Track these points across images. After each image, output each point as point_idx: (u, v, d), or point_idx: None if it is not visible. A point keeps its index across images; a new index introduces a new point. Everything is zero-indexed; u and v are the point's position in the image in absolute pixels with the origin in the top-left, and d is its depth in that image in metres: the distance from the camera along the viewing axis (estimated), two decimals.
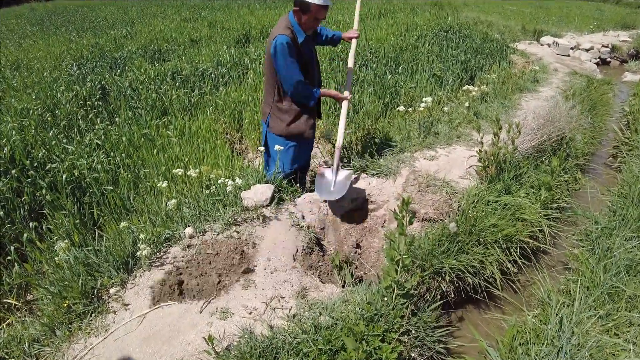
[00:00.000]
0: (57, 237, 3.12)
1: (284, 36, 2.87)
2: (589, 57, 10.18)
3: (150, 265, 2.57)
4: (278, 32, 2.90)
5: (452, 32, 9.08)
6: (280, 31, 2.91)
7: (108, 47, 8.75)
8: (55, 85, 6.16)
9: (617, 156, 5.00)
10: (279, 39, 2.87)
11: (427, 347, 2.31)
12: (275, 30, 2.96)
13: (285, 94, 3.12)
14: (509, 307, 2.90)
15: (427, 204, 3.18)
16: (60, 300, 2.33)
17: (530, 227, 3.22)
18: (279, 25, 2.98)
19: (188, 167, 3.89)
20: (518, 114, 5.16)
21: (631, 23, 14.44)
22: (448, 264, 2.74)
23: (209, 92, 6.09)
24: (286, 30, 2.92)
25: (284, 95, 3.13)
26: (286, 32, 2.90)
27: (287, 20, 2.98)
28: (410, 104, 5.41)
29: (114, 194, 3.58)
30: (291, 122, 3.18)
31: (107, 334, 2.18)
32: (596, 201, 3.90)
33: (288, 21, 2.98)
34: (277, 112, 3.18)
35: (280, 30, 2.91)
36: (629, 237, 2.98)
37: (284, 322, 2.23)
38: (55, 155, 4.09)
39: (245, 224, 2.91)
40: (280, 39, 2.87)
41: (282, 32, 2.89)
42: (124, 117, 5.20)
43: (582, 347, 2.15)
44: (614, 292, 2.56)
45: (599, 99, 6.40)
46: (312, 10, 2.87)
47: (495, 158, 3.45)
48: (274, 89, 3.13)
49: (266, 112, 3.25)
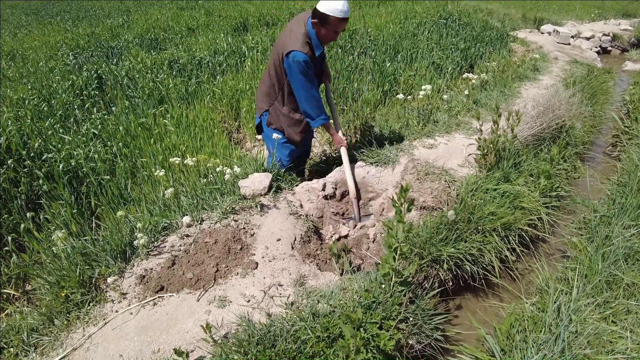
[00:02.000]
0: (55, 227, 3.11)
1: (302, 54, 2.75)
2: (589, 45, 10.11)
3: (148, 254, 2.56)
4: (296, 47, 2.76)
5: (452, 20, 9.00)
6: (298, 47, 2.76)
7: (104, 36, 8.68)
8: (51, 75, 6.12)
9: (617, 145, 4.99)
10: (296, 56, 2.75)
11: (425, 334, 2.31)
12: (293, 40, 2.80)
13: (289, 102, 3.07)
14: (507, 294, 2.91)
15: (426, 192, 3.17)
16: (58, 290, 2.32)
17: (529, 215, 3.21)
18: (296, 35, 2.82)
19: (185, 156, 3.86)
20: (518, 102, 5.12)
21: (632, 11, 14.33)
22: (446, 251, 2.73)
23: (207, 80, 6.05)
24: (305, 46, 2.78)
25: (287, 102, 3.08)
26: (305, 50, 2.77)
27: (306, 33, 2.83)
28: (409, 92, 5.38)
29: (111, 183, 3.57)
30: (287, 127, 3.16)
31: (105, 323, 2.18)
32: (595, 190, 3.89)
33: (306, 34, 2.83)
34: (276, 114, 3.15)
35: (298, 46, 2.76)
36: (628, 226, 2.98)
37: (282, 310, 2.22)
38: (52, 145, 4.07)
39: (243, 213, 2.90)
40: (297, 57, 2.75)
41: (300, 49, 2.76)
42: (120, 106, 5.16)
43: (580, 335, 2.16)
44: (612, 280, 2.56)
45: (599, 87, 6.37)
46: (332, 23, 2.75)
47: (495, 146, 3.43)
48: (276, 93, 3.07)
49: (262, 108, 3.20)
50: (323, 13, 2.72)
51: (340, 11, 2.70)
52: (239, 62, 6.78)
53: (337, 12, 2.70)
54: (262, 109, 3.21)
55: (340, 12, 2.71)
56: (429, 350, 2.33)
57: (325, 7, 2.71)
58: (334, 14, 2.70)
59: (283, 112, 3.11)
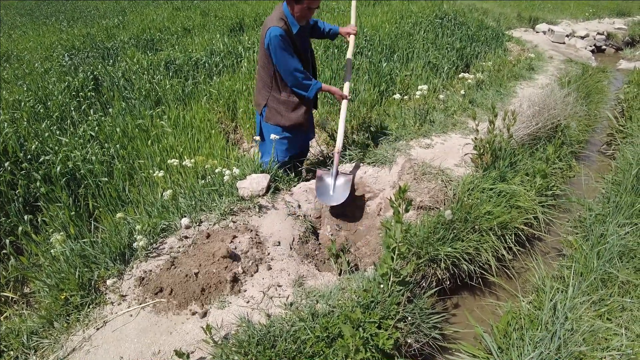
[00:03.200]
0: (53, 229, 3.11)
1: (277, 28, 2.84)
2: (584, 44, 10.17)
3: (147, 256, 2.57)
4: (271, 24, 2.87)
5: (448, 20, 9.03)
6: (273, 23, 2.87)
7: (100, 36, 8.64)
8: (47, 77, 6.09)
9: (612, 143, 5.03)
10: (272, 32, 2.84)
11: (423, 333, 2.33)
12: (269, 21, 2.92)
13: (284, 86, 3.10)
14: (503, 293, 2.93)
15: (423, 192, 3.19)
16: (57, 292, 2.33)
17: (525, 214, 3.24)
18: (273, 16, 2.94)
19: (183, 157, 3.87)
20: (513, 101, 5.16)
21: (626, 10, 14.40)
22: (443, 251, 2.75)
23: (203, 81, 6.04)
24: (280, 22, 2.88)
25: (283, 87, 3.11)
26: (280, 24, 2.86)
27: (281, 11, 2.94)
28: (405, 92, 5.40)
29: (109, 185, 3.57)
30: (288, 113, 3.17)
31: (105, 325, 2.18)
32: (590, 188, 3.92)
33: (282, 12, 2.94)
34: (274, 103, 3.16)
35: (273, 22, 2.87)
36: (622, 224, 3.01)
37: (282, 311, 2.24)
38: (49, 147, 4.06)
39: (241, 214, 2.91)
40: (274, 32, 2.83)
41: (275, 24, 2.86)
42: (117, 107, 5.15)
43: (576, 332, 2.18)
44: (607, 278, 2.59)
45: (594, 86, 6.41)
46: (305, 0, 2.84)
47: (491, 146, 3.46)
48: (270, 80, 3.11)
49: (261, 104, 3.22)
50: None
51: None
52: (235, 62, 6.77)
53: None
54: (260, 105, 3.23)
55: None
56: (427, 349, 2.35)
57: None
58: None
59: (281, 99, 3.15)
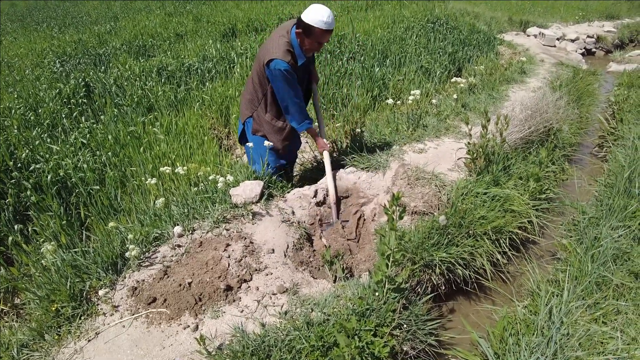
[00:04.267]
0: (44, 239, 3.07)
1: (283, 63, 2.73)
2: (574, 47, 10.28)
3: (140, 265, 2.54)
4: (278, 55, 2.74)
5: (439, 24, 9.08)
6: (279, 55, 2.74)
7: (91, 43, 8.61)
8: (38, 83, 6.05)
9: (603, 146, 5.06)
10: (278, 65, 2.73)
11: (419, 340, 2.32)
12: (275, 48, 2.79)
13: (271, 108, 3.07)
14: (499, 297, 2.93)
15: (417, 197, 3.19)
16: (48, 303, 2.29)
17: (519, 218, 3.25)
18: (279, 43, 2.80)
19: (175, 164, 3.84)
20: (506, 105, 5.18)
21: (615, 13, 14.60)
22: (438, 256, 2.75)
23: (196, 87, 6.02)
24: (286, 55, 2.76)
25: (270, 109, 3.08)
26: (286, 58, 2.75)
27: (289, 42, 2.82)
28: (398, 97, 5.41)
29: (101, 193, 3.53)
30: (270, 134, 3.15)
31: (97, 337, 2.15)
32: (583, 191, 3.94)
33: (289, 43, 2.82)
34: (259, 120, 3.15)
35: (280, 54, 2.75)
36: (616, 227, 3.02)
37: (276, 320, 2.22)
38: (40, 155, 4.02)
39: (235, 221, 2.89)
40: (279, 65, 2.73)
41: (282, 58, 2.74)
42: (109, 114, 5.12)
43: (572, 337, 2.18)
44: (601, 281, 2.60)
45: (585, 89, 6.47)
46: (316, 34, 2.74)
47: (484, 150, 3.46)
48: (260, 98, 3.07)
49: (246, 114, 3.20)
50: (307, 24, 2.71)
51: (324, 23, 2.69)
52: (228, 68, 6.77)
53: (322, 24, 2.69)
54: (245, 115, 3.21)
55: (325, 24, 2.70)
56: (423, 356, 2.34)
57: (310, 18, 2.70)
58: (318, 26, 2.69)
59: (266, 120, 3.12)
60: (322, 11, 2.69)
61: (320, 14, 2.68)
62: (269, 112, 3.09)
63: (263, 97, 3.05)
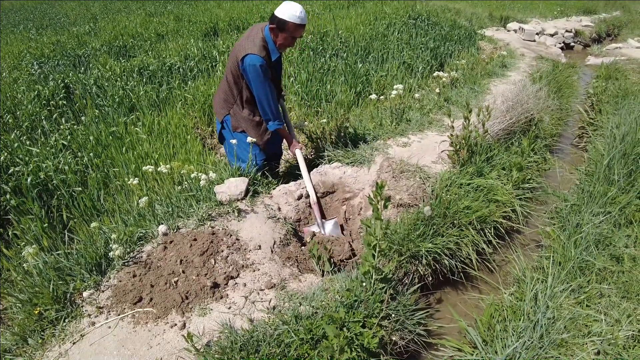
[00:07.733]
0: (25, 242, 3.00)
1: (258, 57, 2.80)
2: (553, 42, 10.46)
3: (124, 265, 2.50)
4: (252, 51, 2.81)
5: (421, 20, 9.15)
6: (254, 50, 2.81)
7: (70, 44, 8.45)
8: (16, 86, 5.91)
9: (583, 136, 5.17)
10: (252, 60, 2.80)
11: (408, 330, 2.33)
12: (249, 45, 2.85)
13: (247, 104, 3.10)
14: (485, 286, 2.97)
15: (402, 190, 3.20)
16: (30, 307, 2.24)
17: (503, 208, 3.29)
18: (254, 40, 2.87)
19: (159, 163, 3.80)
20: (487, 98, 5.24)
21: (593, 8, 14.90)
22: (424, 247, 2.77)
23: (178, 86, 5.96)
24: (261, 50, 2.83)
25: (246, 105, 3.11)
26: (261, 54, 2.82)
27: (263, 38, 2.88)
28: (382, 92, 5.43)
29: (83, 195, 3.47)
30: (250, 130, 3.17)
31: (82, 339, 2.11)
32: (565, 180, 4.01)
33: (263, 39, 2.88)
34: (237, 116, 3.15)
35: (254, 49, 2.82)
36: (597, 213, 3.09)
37: (264, 315, 2.21)
38: (19, 158, 3.93)
39: (220, 219, 2.87)
40: (253, 61, 2.79)
41: (256, 53, 2.81)
42: (90, 115, 5.04)
43: (557, 320, 2.22)
44: (584, 266, 2.65)
45: (565, 81, 6.59)
46: (289, 29, 2.81)
47: (467, 142, 3.50)
48: (235, 95, 3.09)
49: (222, 113, 3.20)
50: (281, 19, 2.79)
51: (297, 17, 2.78)
52: (210, 67, 6.72)
53: (295, 18, 2.77)
54: (222, 114, 3.21)
55: (298, 18, 2.78)
56: (412, 346, 2.36)
57: (283, 13, 2.78)
58: (291, 20, 2.77)
59: (243, 116, 3.13)
60: (295, 7, 2.79)
61: (293, 9, 2.78)
62: (245, 108, 3.12)
63: (239, 94, 3.07)
